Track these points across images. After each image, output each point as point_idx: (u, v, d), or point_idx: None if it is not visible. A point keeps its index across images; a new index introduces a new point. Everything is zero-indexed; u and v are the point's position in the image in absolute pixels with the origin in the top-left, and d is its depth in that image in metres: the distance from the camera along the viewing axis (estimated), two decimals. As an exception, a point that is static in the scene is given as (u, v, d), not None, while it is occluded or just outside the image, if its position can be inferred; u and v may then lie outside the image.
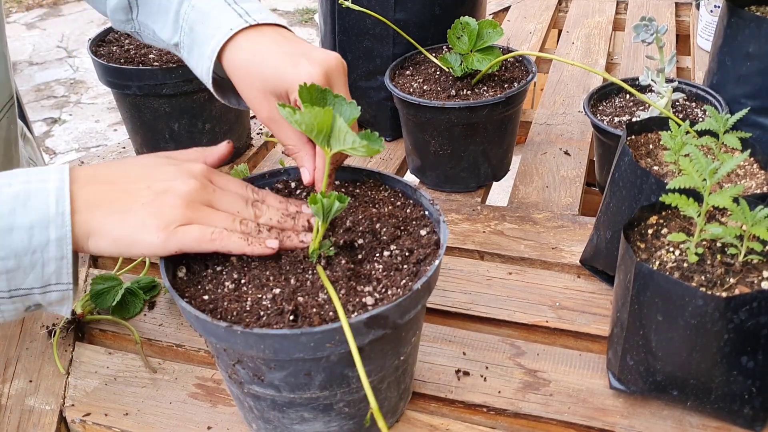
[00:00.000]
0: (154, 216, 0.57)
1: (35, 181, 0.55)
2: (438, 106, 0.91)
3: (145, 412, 0.68)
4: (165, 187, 0.58)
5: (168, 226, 0.57)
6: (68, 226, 0.55)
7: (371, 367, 0.58)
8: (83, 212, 0.56)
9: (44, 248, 0.54)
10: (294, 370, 0.55)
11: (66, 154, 2.80)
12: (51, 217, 0.54)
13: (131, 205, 0.57)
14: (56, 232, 0.55)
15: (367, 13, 0.98)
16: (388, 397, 0.63)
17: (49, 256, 0.55)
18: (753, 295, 0.55)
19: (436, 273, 0.58)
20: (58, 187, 0.55)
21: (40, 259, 0.55)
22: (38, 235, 0.54)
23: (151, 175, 0.59)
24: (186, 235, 0.57)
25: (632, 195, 0.72)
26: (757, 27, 0.88)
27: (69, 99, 3.25)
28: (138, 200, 0.57)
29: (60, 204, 0.55)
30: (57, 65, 3.52)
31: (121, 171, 0.60)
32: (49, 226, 0.54)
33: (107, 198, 0.57)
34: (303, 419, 0.60)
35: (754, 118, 0.91)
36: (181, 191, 0.58)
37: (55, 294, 0.57)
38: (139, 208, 0.57)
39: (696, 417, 0.65)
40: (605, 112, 0.94)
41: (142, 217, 0.56)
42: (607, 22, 1.49)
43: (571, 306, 0.78)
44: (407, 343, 0.61)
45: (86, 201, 0.56)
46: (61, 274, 0.56)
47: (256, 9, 0.70)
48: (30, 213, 0.54)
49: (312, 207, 0.58)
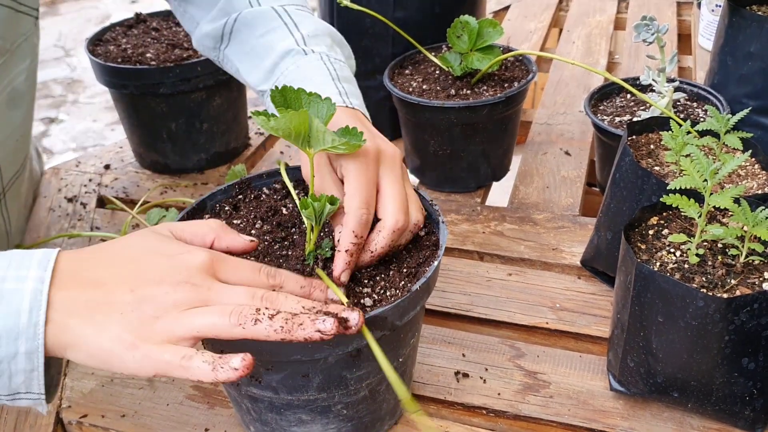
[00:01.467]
0: (130, 330, 0.48)
1: (12, 279, 0.48)
2: (437, 106, 0.90)
3: (142, 414, 0.68)
4: (148, 293, 0.50)
5: (145, 342, 0.48)
6: (40, 339, 0.48)
7: (369, 369, 0.57)
8: (58, 323, 0.49)
9: (12, 359, 0.48)
10: (292, 371, 0.55)
11: (63, 154, 2.79)
12: (22, 329, 0.48)
13: (111, 314, 0.49)
14: (26, 344, 0.48)
15: (366, 12, 0.97)
16: (387, 399, 0.62)
17: (17, 368, 0.48)
18: (754, 296, 0.55)
19: (435, 274, 0.58)
20: (34, 289, 0.48)
21: (7, 370, 0.48)
22: (5, 346, 0.47)
23: (138, 273, 0.51)
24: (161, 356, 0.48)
25: (633, 195, 0.71)
26: (758, 27, 0.88)
27: (66, 98, 3.25)
28: (118, 308, 0.49)
29: (33, 314, 0.48)
30: (54, 64, 3.51)
31: (109, 265, 0.52)
32: (18, 338, 0.48)
33: (86, 306, 0.49)
34: (301, 421, 0.60)
35: (755, 118, 0.91)
36: (166, 300, 0.49)
37: (25, 401, 0.51)
38: (118, 319, 0.49)
39: (697, 419, 0.64)
40: (606, 112, 0.94)
41: (118, 331, 0.48)
42: (608, 22, 1.49)
43: (572, 307, 0.78)
44: (406, 344, 0.60)
45: (63, 308, 0.49)
46: (31, 384, 0.50)
47: (354, 93, 0.70)
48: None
49: (303, 212, 0.56)
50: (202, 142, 1.06)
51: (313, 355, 0.53)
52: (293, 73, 0.71)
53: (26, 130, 0.84)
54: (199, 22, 0.81)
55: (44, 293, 0.48)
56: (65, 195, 1.01)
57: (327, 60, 0.72)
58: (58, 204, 0.99)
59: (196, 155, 1.07)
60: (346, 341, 0.52)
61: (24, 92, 0.79)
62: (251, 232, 0.64)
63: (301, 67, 0.71)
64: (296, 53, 0.73)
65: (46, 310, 0.48)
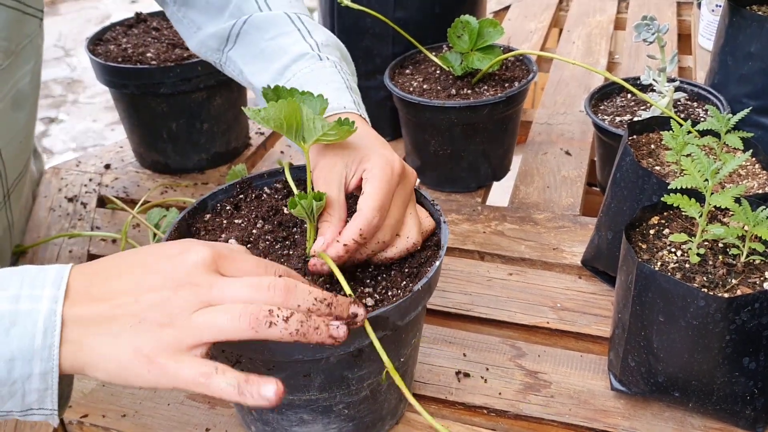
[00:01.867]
0: (141, 344, 0.47)
1: (26, 299, 0.47)
2: (438, 106, 0.90)
3: (143, 414, 0.68)
4: (150, 300, 0.48)
5: (159, 356, 0.46)
6: (55, 360, 0.47)
7: (370, 369, 0.57)
8: (74, 342, 0.48)
9: (26, 380, 0.47)
10: (293, 371, 0.55)
11: (63, 154, 2.79)
12: (36, 350, 0.47)
13: (121, 328, 0.48)
14: (41, 365, 0.47)
15: (367, 11, 0.97)
16: (388, 399, 0.62)
17: (31, 388, 0.48)
18: (755, 295, 0.55)
19: (436, 274, 0.58)
20: (49, 309, 0.47)
21: (21, 390, 0.48)
22: (20, 368, 0.47)
23: (140, 280, 0.49)
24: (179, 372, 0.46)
25: (634, 195, 0.71)
26: (758, 26, 0.88)
27: (66, 98, 3.25)
28: (127, 321, 0.48)
29: (48, 336, 0.47)
30: (54, 64, 3.51)
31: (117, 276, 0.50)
32: (33, 360, 0.47)
33: (97, 322, 0.48)
34: (302, 421, 0.60)
35: (755, 118, 0.91)
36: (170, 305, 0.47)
37: (38, 417, 0.50)
38: (129, 334, 0.47)
39: (698, 418, 0.64)
40: (606, 112, 0.94)
41: (130, 346, 0.47)
42: (608, 21, 1.49)
43: (572, 307, 0.78)
44: (407, 344, 0.60)
45: (78, 327, 0.48)
46: (44, 402, 0.49)
47: (363, 107, 0.70)
48: (12, 343, 0.46)
49: (294, 211, 0.56)
50: (203, 142, 1.06)
51: (315, 355, 0.53)
52: (307, 75, 0.70)
53: (29, 131, 0.84)
54: (201, 26, 0.80)
55: (58, 314, 0.47)
56: (65, 195, 1.01)
57: (340, 69, 0.72)
58: (59, 204, 0.99)
59: (197, 155, 1.07)
60: (348, 341, 0.52)
61: (28, 94, 0.79)
62: (252, 232, 0.64)
63: (315, 70, 0.70)
64: (311, 57, 0.72)
65: (61, 330, 0.47)
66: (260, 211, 0.66)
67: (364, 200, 0.58)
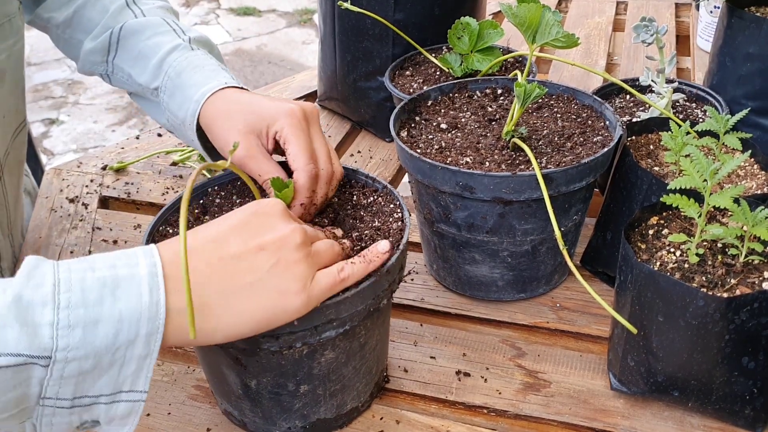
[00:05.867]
0: (288, 279, 0.51)
1: (122, 266, 0.48)
2: (438, 107, 0.91)
3: (144, 414, 0.68)
4: (276, 239, 0.52)
5: (305, 284, 0.52)
6: (162, 319, 0.47)
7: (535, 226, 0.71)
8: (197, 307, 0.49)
9: (130, 345, 0.47)
10: (473, 211, 0.70)
11: (64, 155, 2.80)
12: (144, 308, 0.47)
13: (255, 274, 0.50)
14: (147, 326, 0.47)
15: (367, 14, 0.97)
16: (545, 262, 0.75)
17: (132, 354, 0.47)
18: (754, 295, 0.55)
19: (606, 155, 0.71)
20: (150, 272, 0.48)
21: (122, 358, 0.47)
22: (126, 330, 0.46)
23: (251, 234, 0.52)
24: (319, 286, 0.53)
25: (633, 195, 0.72)
26: (757, 28, 0.88)
27: (67, 99, 3.25)
28: (259, 268, 0.50)
29: (154, 293, 0.47)
30: (55, 66, 3.51)
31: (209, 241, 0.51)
32: (140, 319, 0.46)
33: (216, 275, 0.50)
34: (474, 261, 0.74)
35: (754, 119, 0.91)
36: (294, 240, 0.52)
37: (124, 405, 0.49)
38: (267, 276, 0.50)
39: (697, 418, 0.65)
40: (605, 113, 0.94)
41: (274, 285, 0.50)
42: (606, 23, 1.49)
43: (572, 307, 0.78)
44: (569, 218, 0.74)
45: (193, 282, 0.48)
46: (139, 376, 0.48)
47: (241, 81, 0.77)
48: (120, 303, 0.46)
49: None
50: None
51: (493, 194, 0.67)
52: (181, 63, 0.77)
53: (13, 106, 0.85)
54: (85, 43, 0.84)
55: (159, 275, 0.48)
56: (67, 195, 1.01)
57: (211, 57, 0.80)
58: (60, 204, 1.00)
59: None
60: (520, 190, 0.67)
61: (5, 69, 0.80)
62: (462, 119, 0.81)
63: (190, 58, 0.78)
64: (183, 48, 0.79)
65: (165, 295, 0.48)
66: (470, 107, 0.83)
67: (295, 161, 0.65)
